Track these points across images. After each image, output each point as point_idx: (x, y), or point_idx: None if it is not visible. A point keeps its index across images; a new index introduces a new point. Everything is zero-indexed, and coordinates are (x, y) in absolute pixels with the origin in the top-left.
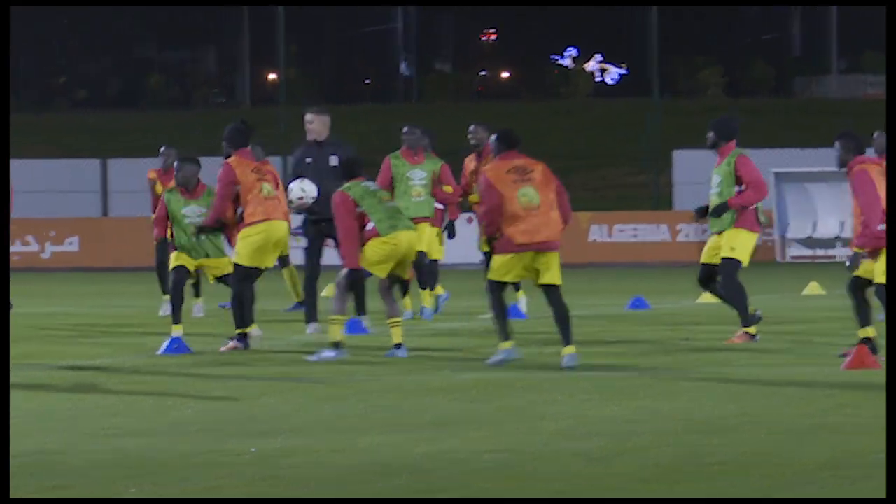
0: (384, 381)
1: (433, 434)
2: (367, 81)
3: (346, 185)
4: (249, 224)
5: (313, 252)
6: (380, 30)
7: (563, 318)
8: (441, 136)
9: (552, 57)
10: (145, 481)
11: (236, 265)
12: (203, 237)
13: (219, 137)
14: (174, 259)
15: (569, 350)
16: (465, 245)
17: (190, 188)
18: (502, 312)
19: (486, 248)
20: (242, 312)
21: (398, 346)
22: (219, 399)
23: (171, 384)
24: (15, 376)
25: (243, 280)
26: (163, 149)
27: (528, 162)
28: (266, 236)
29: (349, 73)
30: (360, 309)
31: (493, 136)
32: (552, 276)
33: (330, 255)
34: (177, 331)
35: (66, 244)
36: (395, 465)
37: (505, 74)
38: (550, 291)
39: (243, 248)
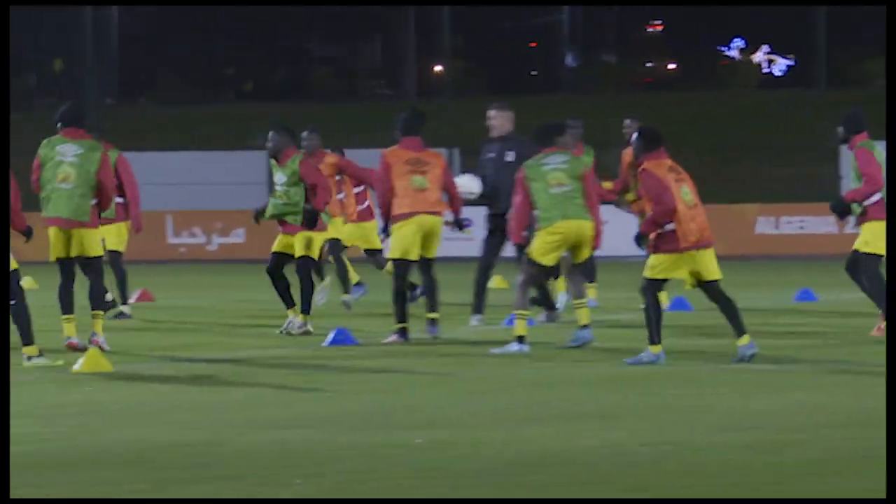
0: (547, 373)
1: (595, 426)
2: (534, 73)
3: (528, 161)
4: (396, 217)
5: (490, 245)
6: (545, 21)
7: (730, 310)
8: (607, 128)
9: (719, 48)
10: (310, 472)
11: (392, 260)
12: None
13: (383, 129)
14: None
15: (743, 340)
16: (619, 237)
17: (279, 157)
18: (658, 314)
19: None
20: (403, 307)
21: (584, 326)
22: (382, 391)
23: (334, 376)
24: (182, 367)
25: (402, 274)
26: (304, 134)
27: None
28: (411, 229)
29: (514, 65)
30: (545, 302)
31: (636, 133)
32: (712, 271)
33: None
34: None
35: (232, 236)
36: (557, 458)
37: (671, 66)
38: (712, 287)
39: (395, 242)
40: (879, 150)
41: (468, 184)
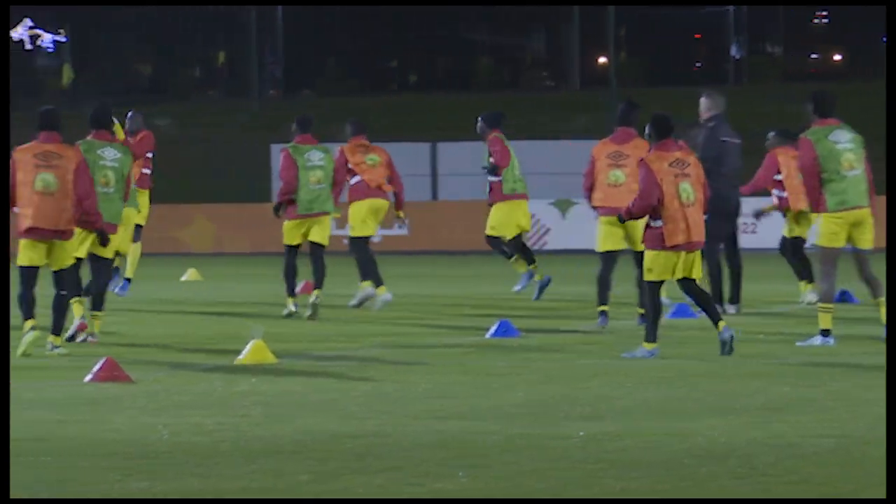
0: (712, 364)
1: (762, 418)
2: (699, 64)
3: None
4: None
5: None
6: (711, 13)
7: (706, 302)
8: (769, 119)
9: (884, 39)
10: (473, 464)
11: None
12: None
13: (545, 120)
14: None
15: (720, 327)
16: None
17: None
18: (656, 313)
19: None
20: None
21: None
22: (545, 382)
23: (496, 367)
24: (345, 358)
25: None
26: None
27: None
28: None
29: (678, 57)
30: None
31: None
32: (694, 271)
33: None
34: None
35: (396, 228)
36: (722, 450)
37: (836, 57)
38: (689, 283)
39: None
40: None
41: None
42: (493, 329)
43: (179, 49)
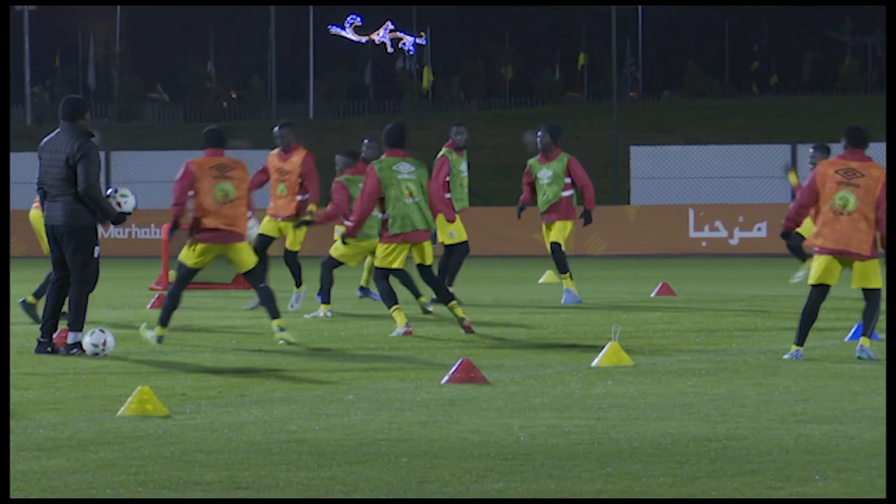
0: None
1: None
2: None
3: None
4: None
5: None
6: None
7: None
8: None
9: None
10: (833, 468)
11: None
12: None
13: None
14: None
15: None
16: None
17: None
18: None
19: None
20: None
21: None
22: None
23: (856, 370)
24: (702, 360)
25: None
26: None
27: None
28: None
29: None
30: None
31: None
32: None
33: None
34: None
35: (754, 230)
36: None
37: None
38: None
39: None
40: None
41: None
42: (851, 332)
43: (540, 51)
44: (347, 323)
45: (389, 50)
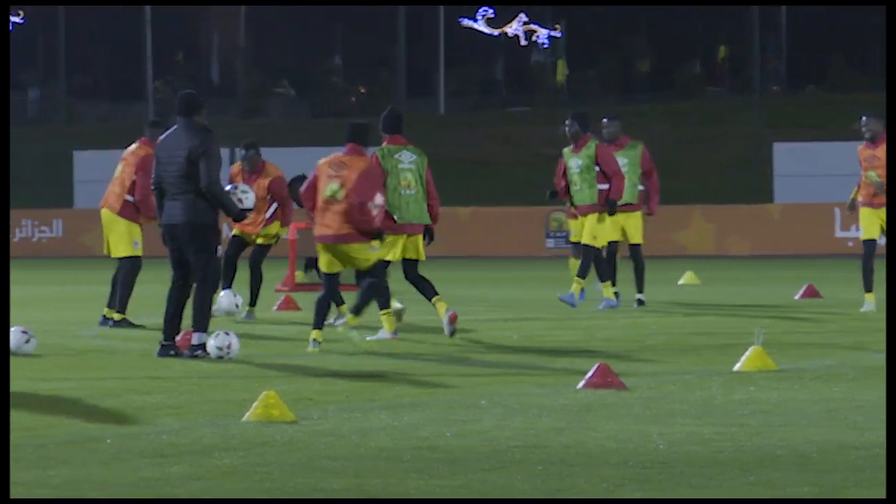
0: None
1: None
2: None
3: None
4: None
5: None
6: None
7: None
8: None
9: None
10: None
11: None
12: None
13: None
14: None
15: None
16: None
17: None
18: None
19: None
20: None
21: None
22: None
23: None
24: (845, 369)
25: None
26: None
27: None
28: None
29: None
30: None
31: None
32: None
33: None
34: None
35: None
36: None
37: None
38: None
39: None
40: None
41: None
42: None
43: (680, 44)
44: (480, 326)
45: (523, 42)
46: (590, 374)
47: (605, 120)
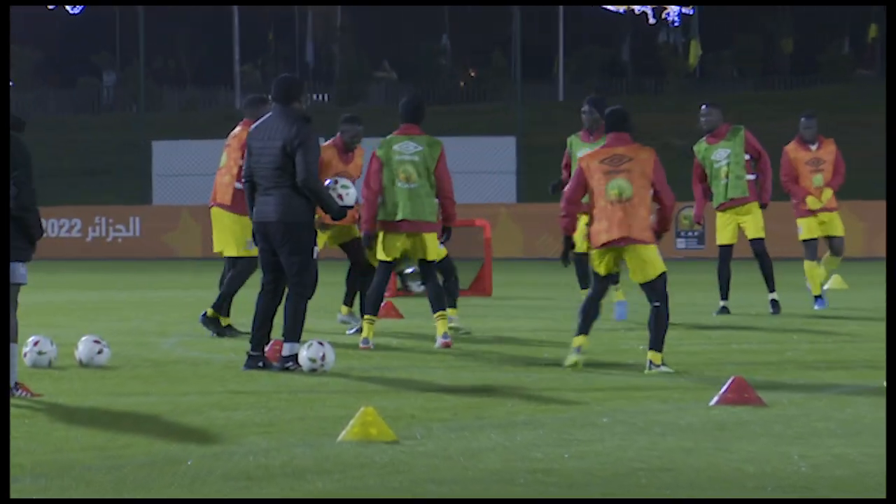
0: None
1: None
2: None
3: None
4: None
5: None
6: None
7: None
8: None
9: None
10: None
11: None
12: None
13: None
14: None
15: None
16: None
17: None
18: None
19: None
20: None
21: None
22: None
23: None
24: None
25: None
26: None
27: None
28: None
29: None
30: None
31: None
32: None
33: None
34: None
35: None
36: None
37: None
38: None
39: None
40: None
41: None
42: None
43: (826, 22)
44: (600, 335)
45: (651, 21)
46: (724, 388)
47: (703, 108)
